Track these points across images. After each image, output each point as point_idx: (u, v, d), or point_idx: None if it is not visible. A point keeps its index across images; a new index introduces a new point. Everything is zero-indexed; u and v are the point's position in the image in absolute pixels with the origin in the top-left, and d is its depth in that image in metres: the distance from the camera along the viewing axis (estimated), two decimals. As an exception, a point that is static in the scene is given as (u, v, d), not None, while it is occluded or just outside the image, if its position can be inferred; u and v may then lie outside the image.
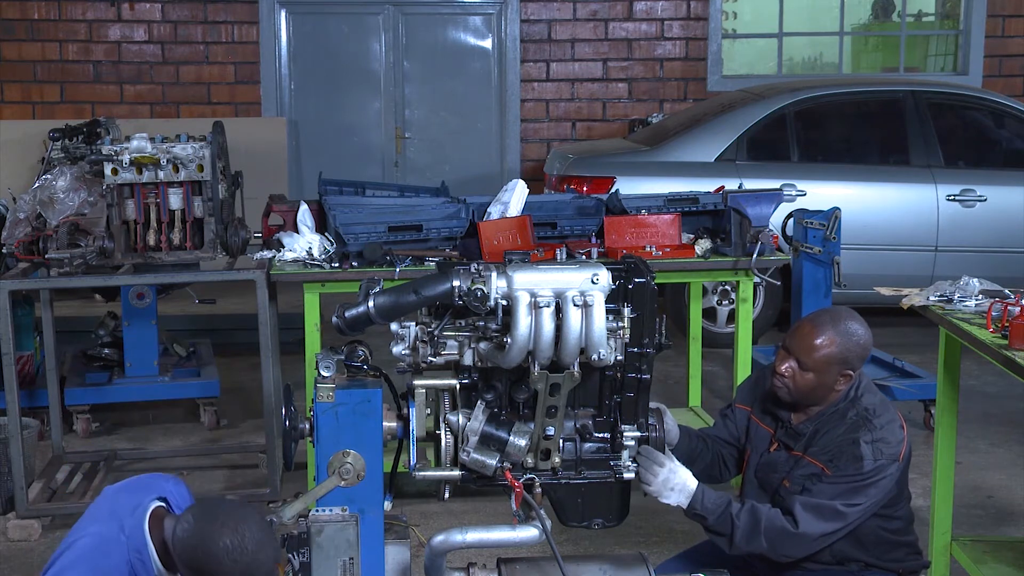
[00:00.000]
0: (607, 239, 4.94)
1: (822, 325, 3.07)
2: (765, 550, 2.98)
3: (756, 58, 10.98)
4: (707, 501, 2.93)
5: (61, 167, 4.89)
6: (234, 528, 2.43)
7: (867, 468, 2.97)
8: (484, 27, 10.44)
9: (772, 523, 2.96)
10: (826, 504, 2.96)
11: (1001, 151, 7.94)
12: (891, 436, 3.03)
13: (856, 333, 3.07)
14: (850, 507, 2.97)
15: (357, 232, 4.73)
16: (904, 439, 3.07)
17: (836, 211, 5.28)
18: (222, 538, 2.42)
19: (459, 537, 2.63)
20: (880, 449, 2.99)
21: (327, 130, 10.40)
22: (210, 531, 2.43)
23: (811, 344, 3.05)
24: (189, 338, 6.58)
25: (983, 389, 6.57)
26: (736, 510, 2.96)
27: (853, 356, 3.06)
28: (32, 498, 4.71)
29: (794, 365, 3.07)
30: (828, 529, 2.98)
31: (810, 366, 3.05)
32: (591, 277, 2.49)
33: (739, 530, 2.95)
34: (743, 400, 3.35)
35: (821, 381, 3.06)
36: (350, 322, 2.58)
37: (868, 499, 2.99)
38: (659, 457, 2.78)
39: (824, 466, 3.01)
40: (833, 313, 3.16)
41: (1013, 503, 5.06)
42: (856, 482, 2.97)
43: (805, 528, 2.95)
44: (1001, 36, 10.41)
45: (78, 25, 10.03)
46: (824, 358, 3.04)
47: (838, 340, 3.04)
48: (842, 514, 2.97)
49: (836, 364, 3.04)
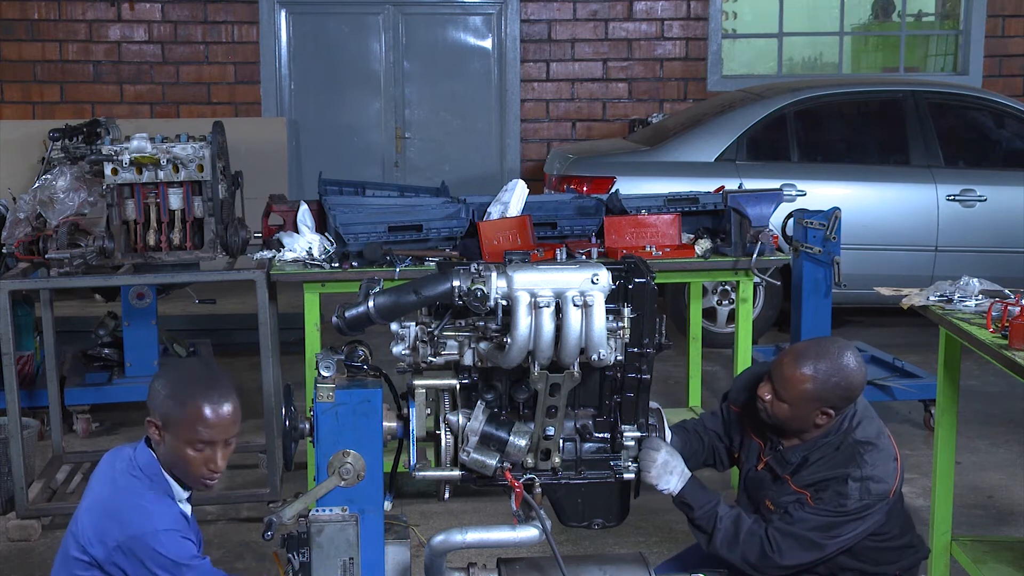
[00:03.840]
0: (607, 239, 4.94)
1: (804, 358, 2.92)
2: (739, 563, 2.95)
3: (756, 58, 10.98)
4: (697, 493, 2.94)
5: (61, 167, 4.89)
6: (186, 365, 2.82)
7: (850, 507, 2.89)
8: (484, 27, 10.44)
9: (751, 539, 2.92)
10: (805, 535, 2.90)
11: (1001, 151, 7.94)
12: (881, 474, 2.93)
13: (841, 372, 2.90)
14: (830, 540, 2.91)
15: (357, 232, 4.73)
16: (896, 474, 2.98)
17: (836, 211, 5.27)
18: (173, 371, 2.74)
19: (459, 537, 2.63)
20: (868, 488, 2.89)
21: (327, 130, 10.40)
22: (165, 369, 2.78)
23: (788, 376, 2.92)
24: (189, 338, 6.57)
25: (983, 389, 6.57)
26: (723, 512, 2.95)
27: (832, 396, 2.91)
28: (32, 498, 4.71)
29: (772, 393, 2.97)
30: (804, 559, 2.93)
31: (786, 398, 2.93)
32: (591, 277, 2.49)
33: (719, 533, 2.93)
34: (738, 401, 3.25)
35: (797, 414, 2.94)
36: (350, 322, 2.58)
37: (850, 532, 2.92)
38: (657, 443, 2.78)
39: (809, 496, 2.94)
40: (822, 346, 2.99)
41: (1013, 503, 5.06)
42: (837, 518, 2.90)
43: (780, 556, 2.91)
44: (1001, 36, 10.41)
45: (78, 25, 10.03)
46: (799, 394, 2.91)
47: (817, 377, 2.89)
48: (820, 546, 2.91)
49: (812, 401, 2.91)
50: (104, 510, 2.67)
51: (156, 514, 2.62)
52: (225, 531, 4.72)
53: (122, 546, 2.58)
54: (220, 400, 2.65)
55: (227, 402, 2.66)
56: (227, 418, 2.66)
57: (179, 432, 2.64)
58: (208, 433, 2.64)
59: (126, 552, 2.58)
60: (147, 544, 2.57)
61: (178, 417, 2.63)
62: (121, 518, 2.62)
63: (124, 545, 2.58)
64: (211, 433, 2.64)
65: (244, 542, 4.60)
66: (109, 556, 2.60)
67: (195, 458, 2.66)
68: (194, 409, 2.62)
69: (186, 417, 2.63)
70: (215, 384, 2.67)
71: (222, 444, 2.68)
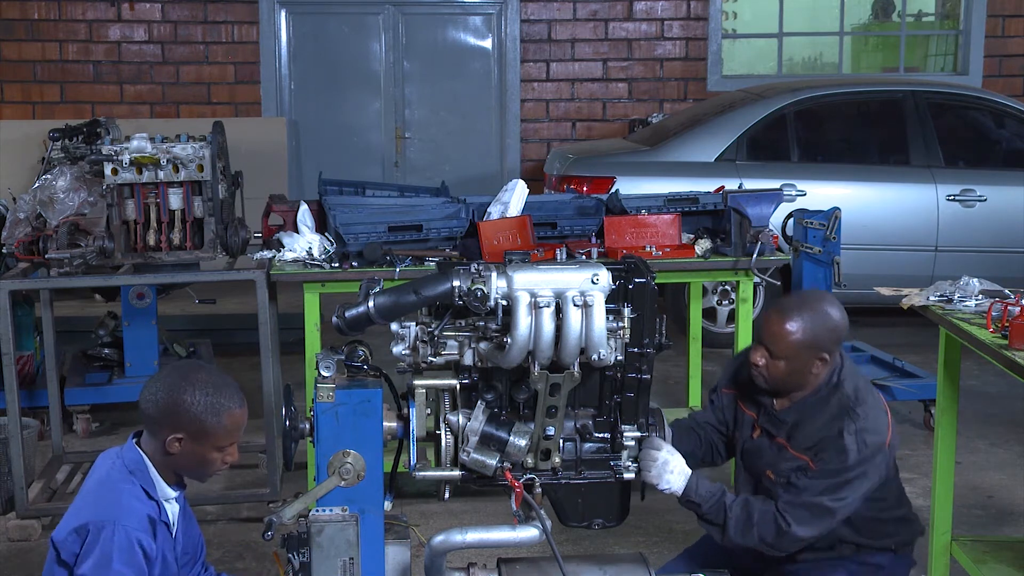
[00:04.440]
0: (607, 239, 4.94)
1: (788, 312, 3.01)
2: (755, 545, 2.98)
3: (756, 58, 10.98)
4: (701, 489, 2.95)
5: (61, 167, 4.88)
6: (195, 375, 2.73)
7: (852, 461, 2.94)
8: (484, 27, 10.45)
9: (764, 519, 2.96)
10: (814, 502, 2.95)
11: (1001, 151, 7.94)
12: (875, 424, 2.99)
13: (826, 316, 3.00)
14: (838, 502, 2.96)
15: (357, 232, 4.73)
16: (888, 424, 3.04)
17: (836, 211, 5.27)
18: (190, 385, 2.69)
19: (459, 537, 2.63)
20: (864, 440, 2.95)
21: (327, 130, 10.40)
22: (177, 382, 2.70)
23: (778, 332, 2.99)
24: (189, 338, 6.57)
25: (983, 389, 6.57)
26: (730, 501, 2.98)
27: (824, 340, 2.99)
28: (32, 498, 4.71)
29: (766, 354, 3.03)
30: (818, 528, 2.98)
31: (780, 354, 3.00)
32: (591, 277, 2.49)
33: (732, 522, 2.96)
34: (729, 383, 3.31)
35: (794, 368, 3.01)
36: (350, 322, 2.58)
37: (856, 491, 2.97)
38: (657, 442, 2.78)
39: (809, 460, 2.99)
40: (801, 298, 3.11)
41: (1013, 503, 5.06)
42: (842, 476, 2.95)
43: (797, 529, 2.95)
44: (1001, 36, 10.41)
45: (78, 25, 10.03)
46: (793, 345, 2.98)
47: (806, 326, 2.97)
48: (831, 510, 2.96)
49: (807, 350, 2.99)
50: (81, 497, 2.71)
51: (126, 508, 2.62)
52: (225, 531, 4.72)
53: (79, 528, 2.59)
54: (242, 402, 2.75)
55: (243, 400, 2.76)
56: (246, 413, 2.78)
57: (213, 440, 2.70)
58: (239, 433, 2.75)
59: (80, 532, 2.58)
60: (99, 530, 2.57)
61: (215, 428, 2.68)
62: (93, 502, 2.65)
63: (82, 527, 2.58)
64: (240, 432, 2.75)
65: (244, 542, 4.60)
66: (65, 538, 2.60)
67: (218, 457, 2.73)
68: (230, 419, 2.70)
69: (225, 426, 2.69)
70: (227, 385, 2.74)
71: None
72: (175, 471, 2.76)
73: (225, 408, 2.68)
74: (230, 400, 2.70)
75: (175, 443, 2.68)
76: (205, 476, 2.79)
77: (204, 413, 2.66)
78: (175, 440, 2.67)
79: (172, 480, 2.76)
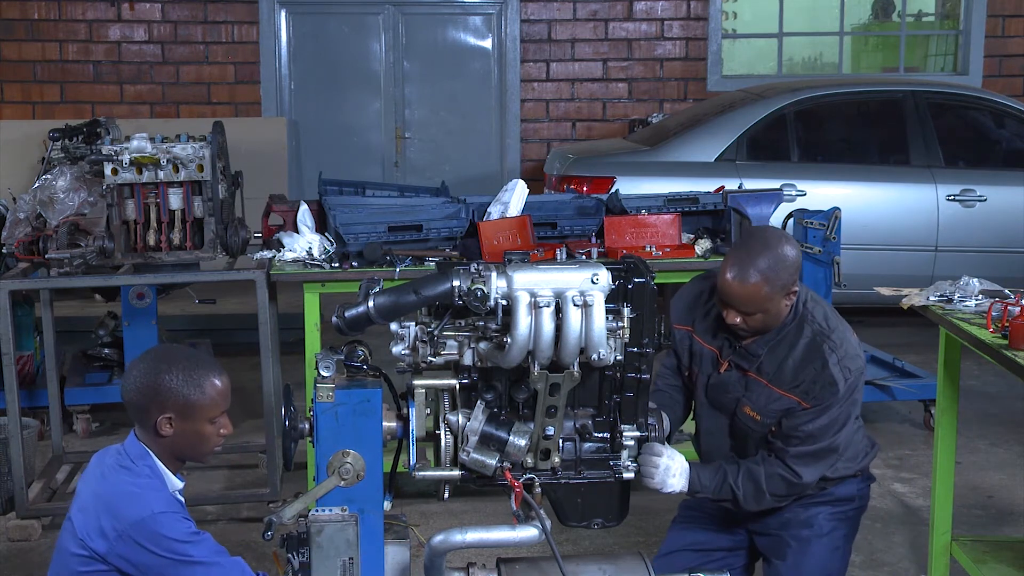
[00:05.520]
0: (607, 239, 4.94)
1: (744, 268, 2.98)
2: (771, 505, 3.10)
3: (756, 58, 10.98)
4: (704, 479, 3.02)
5: (61, 167, 4.89)
6: (168, 354, 2.80)
7: (843, 391, 3.01)
8: (484, 27, 10.45)
9: (773, 481, 3.05)
10: (819, 448, 3.04)
11: (1001, 151, 7.94)
12: (851, 348, 3.07)
13: (779, 255, 2.99)
14: (836, 435, 3.05)
15: (357, 232, 4.73)
16: (858, 344, 3.12)
17: (836, 211, 5.27)
18: (166, 364, 2.74)
19: (459, 537, 2.63)
20: (847, 367, 3.03)
21: (327, 130, 10.40)
22: (153, 365, 2.75)
23: (744, 293, 2.99)
24: (189, 338, 6.58)
25: (983, 389, 6.57)
26: (734, 477, 3.06)
27: (786, 277, 3.00)
28: (32, 498, 4.71)
29: (740, 315, 3.05)
30: (826, 466, 3.09)
31: (753, 309, 3.02)
32: (591, 277, 2.49)
33: (741, 495, 3.06)
34: (681, 320, 3.29)
35: (771, 313, 3.03)
36: (350, 322, 2.58)
37: (851, 420, 3.08)
38: (656, 448, 2.80)
39: (800, 399, 3.03)
40: (748, 247, 3.04)
41: (1013, 503, 5.06)
42: (837, 409, 3.02)
43: (807, 475, 3.05)
44: (1001, 36, 10.41)
45: (78, 25, 10.03)
46: (763, 298, 2.99)
47: (768, 276, 2.97)
48: (832, 448, 3.06)
49: (776, 296, 3.00)
50: (99, 503, 2.69)
51: (149, 498, 2.64)
52: (225, 531, 4.72)
53: (123, 535, 2.59)
54: (221, 371, 2.78)
55: (222, 370, 2.80)
56: (228, 381, 2.81)
57: (202, 413, 2.73)
58: (225, 402, 2.77)
59: (127, 540, 2.59)
60: (148, 528, 2.59)
61: (200, 400, 2.71)
62: (116, 507, 2.64)
63: (125, 534, 2.59)
64: (227, 401, 2.78)
65: (244, 542, 4.59)
66: (112, 548, 2.61)
67: (211, 431, 2.76)
68: (212, 387, 2.73)
69: (210, 396, 2.72)
70: (202, 358, 2.80)
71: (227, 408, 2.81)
72: (176, 455, 2.77)
73: (205, 378, 2.72)
74: (208, 371, 2.74)
75: (166, 424, 2.70)
76: (205, 454, 2.81)
77: (186, 387, 2.69)
78: (165, 421, 2.69)
79: (175, 468, 2.79)
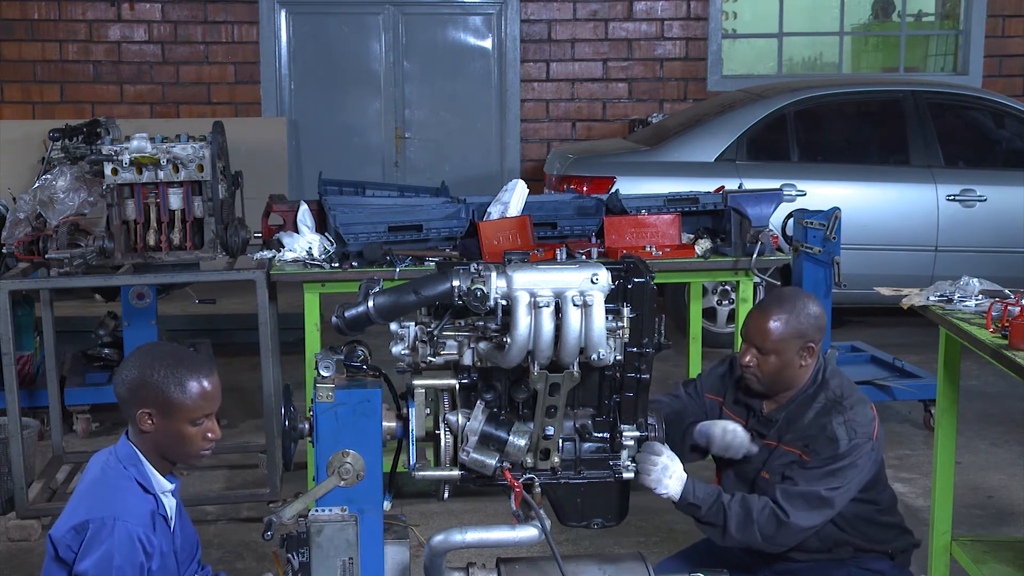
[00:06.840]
0: (607, 239, 4.94)
1: (770, 308, 3.14)
2: (759, 541, 3.01)
3: (756, 58, 10.98)
4: (699, 491, 2.98)
5: (61, 167, 4.88)
6: (158, 350, 2.80)
7: (843, 449, 3.02)
8: (484, 27, 10.45)
9: (764, 513, 2.99)
10: (810, 491, 3.00)
11: (1001, 151, 7.94)
12: (862, 416, 3.09)
13: (805, 307, 3.14)
14: (833, 491, 3.02)
15: (357, 232, 4.73)
16: (874, 419, 3.13)
17: (836, 211, 5.27)
18: (153, 360, 2.73)
19: (459, 537, 2.63)
20: (853, 429, 3.05)
21: (327, 130, 10.40)
22: (141, 360, 2.74)
23: (764, 328, 3.11)
24: (189, 338, 6.57)
25: (983, 389, 6.57)
26: (727, 500, 3.01)
27: (808, 328, 3.12)
28: (32, 498, 4.71)
29: (756, 353, 3.13)
30: (818, 519, 3.03)
31: (769, 349, 3.10)
32: (591, 277, 2.49)
33: (732, 520, 2.99)
34: (714, 390, 3.37)
35: (785, 361, 3.11)
36: (350, 322, 2.58)
37: (849, 480, 3.04)
38: (657, 447, 2.80)
39: (801, 452, 3.06)
40: (779, 295, 3.22)
41: (1013, 503, 5.06)
42: (834, 464, 3.02)
43: (796, 518, 2.99)
44: (1001, 36, 10.41)
45: (78, 25, 10.03)
46: (781, 337, 3.09)
47: (789, 317, 3.10)
48: (827, 500, 3.02)
49: (794, 340, 3.10)
50: (78, 495, 2.71)
51: (127, 504, 2.63)
52: (225, 531, 4.72)
53: (78, 526, 2.58)
54: (209, 371, 2.74)
55: (213, 371, 2.76)
56: (218, 386, 2.76)
57: (182, 413, 2.68)
58: (209, 405, 2.72)
59: (79, 530, 2.58)
60: (99, 527, 2.56)
61: (180, 399, 2.67)
62: (91, 499, 2.64)
63: (81, 525, 2.58)
64: (211, 404, 2.72)
65: (244, 542, 4.60)
66: (63, 535, 2.60)
67: (195, 433, 2.71)
68: (196, 386, 2.69)
69: (190, 395, 2.68)
70: (193, 358, 2.75)
71: (214, 412, 2.77)
72: (161, 455, 2.75)
73: (189, 378, 2.68)
74: (193, 371, 2.70)
75: (146, 418, 2.68)
76: (191, 456, 2.76)
77: (166, 384, 2.66)
78: (145, 415, 2.68)
79: (164, 469, 2.76)
